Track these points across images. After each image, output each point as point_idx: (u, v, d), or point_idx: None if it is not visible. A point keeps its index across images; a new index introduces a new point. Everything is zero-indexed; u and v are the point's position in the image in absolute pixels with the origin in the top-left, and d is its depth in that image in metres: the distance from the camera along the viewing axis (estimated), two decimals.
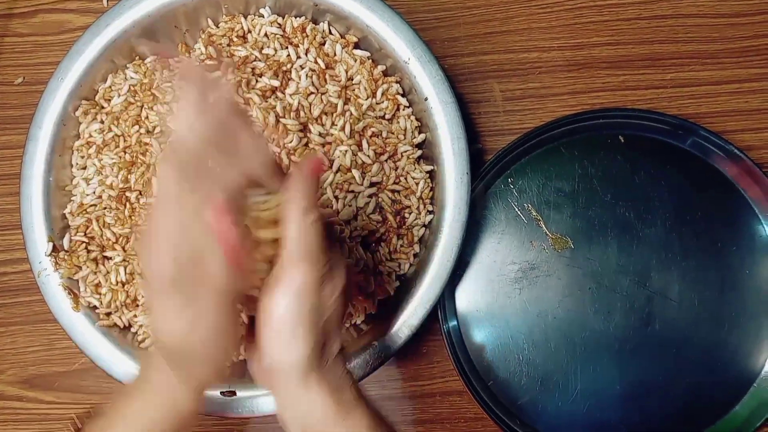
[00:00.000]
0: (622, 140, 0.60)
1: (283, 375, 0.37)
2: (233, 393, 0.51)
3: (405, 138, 0.56)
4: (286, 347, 0.37)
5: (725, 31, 0.63)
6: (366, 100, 0.55)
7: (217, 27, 0.58)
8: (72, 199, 0.56)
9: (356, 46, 0.57)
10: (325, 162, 0.51)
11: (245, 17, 0.57)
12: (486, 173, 0.59)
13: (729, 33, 0.63)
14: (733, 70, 0.62)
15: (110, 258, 0.55)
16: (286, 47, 0.56)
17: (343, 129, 0.54)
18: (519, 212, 0.60)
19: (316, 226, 0.36)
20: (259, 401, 0.52)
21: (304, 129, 0.54)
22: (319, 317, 0.37)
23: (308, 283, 0.36)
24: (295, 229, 0.36)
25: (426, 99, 0.53)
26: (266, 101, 0.54)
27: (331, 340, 0.39)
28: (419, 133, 0.56)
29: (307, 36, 0.56)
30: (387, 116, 0.56)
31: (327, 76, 0.55)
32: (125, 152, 0.56)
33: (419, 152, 0.56)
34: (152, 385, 0.39)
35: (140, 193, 0.55)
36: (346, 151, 0.53)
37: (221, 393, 0.51)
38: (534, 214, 0.60)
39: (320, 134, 0.54)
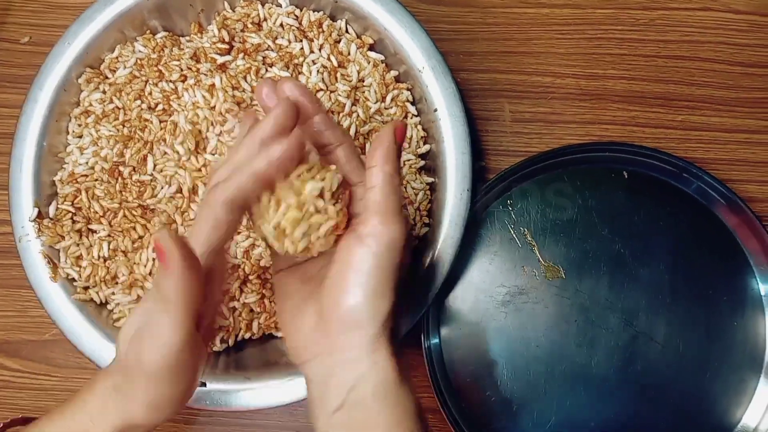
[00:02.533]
0: (626, 176, 0.60)
1: (357, 331, 0.37)
2: (203, 384, 0.50)
3: (409, 147, 0.55)
4: (371, 302, 0.36)
5: (740, 80, 0.63)
6: (375, 103, 0.54)
7: (233, 11, 0.57)
8: (64, 166, 0.55)
9: (371, 48, 0.56)
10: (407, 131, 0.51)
11: (262, 4, 0.57)
12: (486, 192, 0.58)
13: (744, 82, 0.62)
14: (744, 119, 0.62)
15: (95, 231, 0.54)
16: (301, 40, 0.55)
17: (348, 130, 0.53)
18: (514, 235, 0.59)
19: (399, 186, 0.38)
20: (231, 396, 0.50)
21: None
22: (398, 273, 0.38)
23: (398, 240, 0.37)
24: (383, 187, 0.37)
25: (435, 110, 0.53)
26: None
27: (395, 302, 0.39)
28: (424, 143, 0.55)
29: (323, 32, 0.55)
30: None
31: (338, 75, 0.55)
32: (124, 126, 0.54)
33: (422, 163, 0.55)
34: (81, 406, 0.39)
35: (133, 169, 0.53)
36: None
37: None
38: (529, 239, 0.59)
39: None
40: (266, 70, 0.54)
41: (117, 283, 0.53)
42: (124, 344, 0.37)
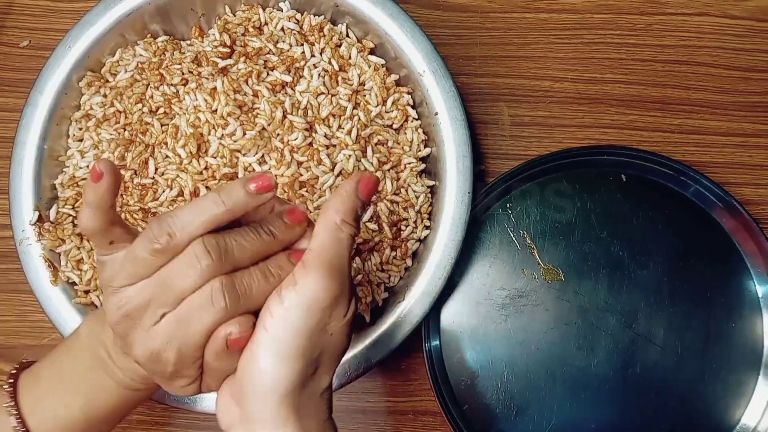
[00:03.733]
0: (624, 179, 0.60)
1: (261, 402, 0.32)
2: None
3: (410, 150, 0.55)
4: (272, 362, 0.32)
5: (737, 84, 0.63)
6: (376, 107, 0.55)
7: (234, 15, 0.57)
8: (64, 170, 0.55)
9: (372, 52, 0.56)
10: (380, 186, 0.47)
11: (264, 9, 0.57)
12: (486, 195, 0.59)
13: (741, 86, 0.63)
14: (741, 123, 0.63)
15: None
16: (302, 44, 0.55)
17: (349, 133, 0.53)
18: (514, 238, 0.59)
19: (346, 242, 0.34)
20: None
21: (310, 129, 0.53)
22: (317, 340, 0.33)
23: (320, 299, 0.32)
24: (323, 236, 0.34)
25: (436, 114, 0.53)
26: (275, 96, 0.53)
27: (320, 373, 0.34)
28: (425, 146, 0.55)
29: (324, 36, 0.55)
30: (395, 126, 0.55)
31: (339, 79, 0.55)
32: (125, 129, 0.55)
33: (423, 166, 0.55)
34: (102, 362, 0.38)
35: (135, 173, 0.53)
36: (350, 155, 0.53)
37: None
38: (528, 242, 0.59)
39: (326, 135, 0.53)
40: (267, 74, 0.54)
41: None
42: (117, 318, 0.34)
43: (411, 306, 0.51)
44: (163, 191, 0.52)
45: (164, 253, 0.32)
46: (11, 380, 0.40)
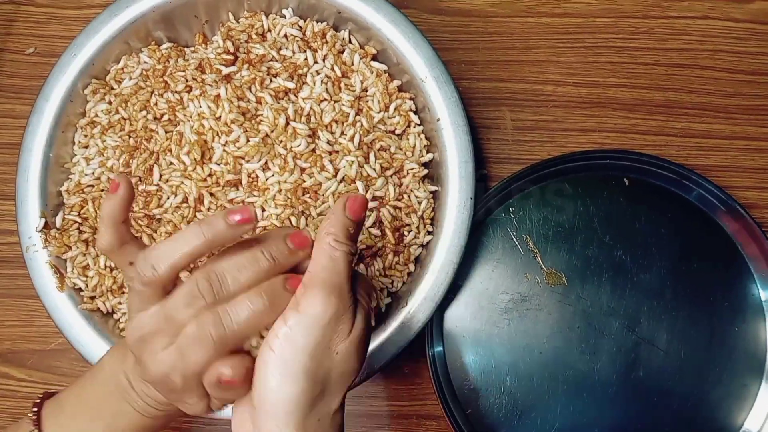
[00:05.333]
0: (627, 183, 0.60)
1: (271, 421, 0.33)
2: None
3: (413, 155, 0.55)
4: (279, 381, 0.33)
5: (740, 87, 0.63)
6: (378, 113, 0.55)
7: (238, 22, 0.57)
8: (70, 177, 0.56)
9: (374, 58, 0.57)
10: (369, 205, 0.48)
11: (267, 15, 0.57)
12: (488, 200, 0.59)
13: (743, 90, 0.63)
14: (744, 126, 0.63)
15: None
16: (305, 51, 0.55)
17: (352, 139, 0.53)
18: (517, 242, 0.60)
19: (342, 261, 0.35)
20: None
21: (313, 135, 0.53)
22: (322, 359, 0.34)
23: (319, 316, 0.33)
24: (319, 257, 0.35)
25: (438, 119, 0.53)
26: (278, 102, 0.54)
27: (329, 396, 0.35)
28: (427, 152, 0.56)
29: (327, 42, 0.56)
30: (397, 132, 0.56)
31: (342, 85, 0.55)
32: (129, 136, 0.55)
33: (425, 171, 0.55)
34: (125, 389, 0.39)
35: (140, 180, 0.54)
36: (352, 162, 0.53)
37: None
38: (531, 246, 0.59)
39: (328, 142, 0.53)
40: (270, 81, 0.54)
41: (123, 292, 0.54)
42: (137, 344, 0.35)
43: (414, 311, 0.52)
44: (168, 198, 0.53)
45: (152, 285, 0.34)
46: (35, 409, 0.41)
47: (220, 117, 0.53)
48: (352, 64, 0.56)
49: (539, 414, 0.57)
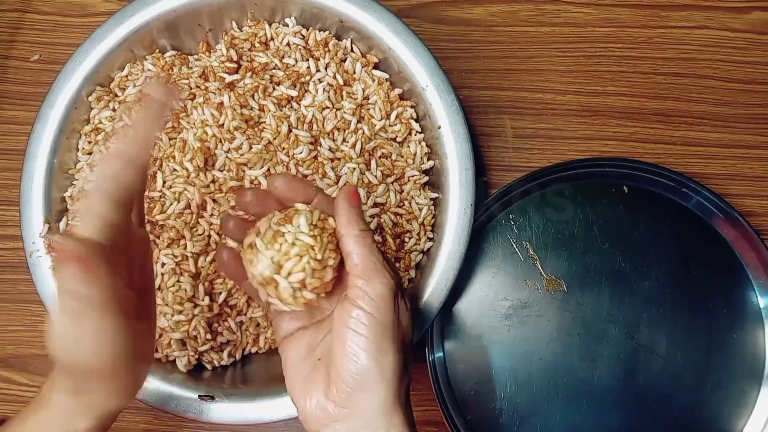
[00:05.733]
0: (626, 191, 0.61)
1: (366, 395, 0.37)
2: (212, 398, 0.51)
3: (414, 163, 0.56)
4: (375, 362, 0.36)
5: (738, 96, 0.64)
6: (380, 120, 0.56)
7: (241, 30, 0.58)
8: (74, 183, 0.56)
9: (376, 66, 0.57)
10: (360, 193, 0.51)
11: (270, 24, 0.58)
12: (488, 207, 0.59)
13: (741, 98, 0.64)
14: (742, 135, 0.63)
15: None
16: (307, 59, 0.56)
17: (353, 147, 0.54)
18: (516, 249, 0.60)
19: (372, 242, 0.39)
20: (235, 409, 0.51)
21: (315, 142, 0.54)
22: (399, 332, 0.38)
23: (386, 294, 0.37)
24: (357, 249, 0.38)
25: (439, 127, 0.54)
26: (281, 110, 0.54)
27: (407, 364, 0.38)
28: (428, 159, 0.56)
29: (329, 51, 0.56)
30: (398, 139, 0.56)
31: (344, 93, 0.56)
32: None
33: (426, 178, 0.56)
34: (50, 407, 0.37)
35: None
36: (354, 169, 0.54)
37: (199, 397, 0.51)
38: (531, 253, 0.60)
39: (330, 149, 0.54)
40: (273, 89, 0.55)
41: None
42: (61, 353, 0.35)
43: (415, 318, 0.52)
44: (171, 204, 0.53)
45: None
46: None
47: (223, 124, 0.53)
48: (354, 72, 0.57)
49: (539, 420, 0.57)
